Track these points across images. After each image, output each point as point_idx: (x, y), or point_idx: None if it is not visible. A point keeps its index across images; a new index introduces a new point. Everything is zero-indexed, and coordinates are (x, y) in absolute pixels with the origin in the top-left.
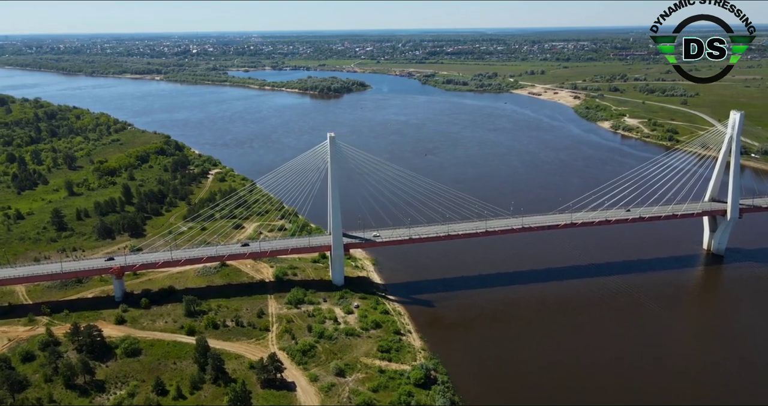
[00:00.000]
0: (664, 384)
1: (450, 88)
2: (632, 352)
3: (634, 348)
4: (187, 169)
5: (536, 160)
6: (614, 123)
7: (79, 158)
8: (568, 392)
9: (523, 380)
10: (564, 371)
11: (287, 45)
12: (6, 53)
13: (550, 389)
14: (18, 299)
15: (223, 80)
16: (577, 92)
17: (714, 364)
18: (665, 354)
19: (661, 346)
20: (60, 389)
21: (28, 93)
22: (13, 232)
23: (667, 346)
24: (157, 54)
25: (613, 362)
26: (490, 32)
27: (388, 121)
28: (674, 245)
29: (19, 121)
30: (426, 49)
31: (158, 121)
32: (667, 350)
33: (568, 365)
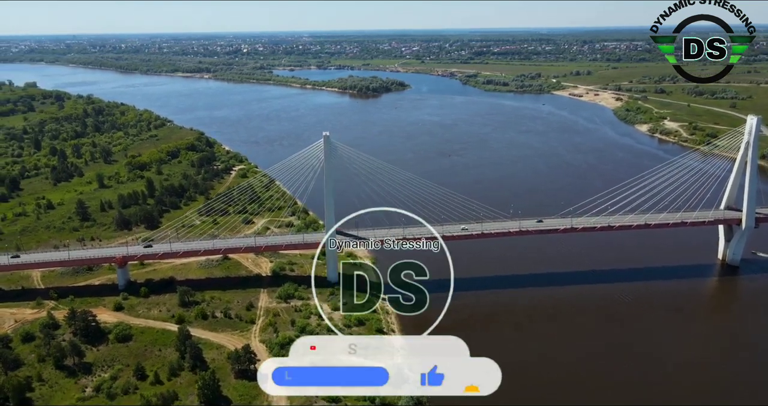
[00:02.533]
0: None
1: (489, 89)
2: (634, 364)
3: (635, 360)
4: (212, 165)
5: (562, 163)
6: (652, 126)
7: (115, 153)
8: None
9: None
10: (545, 379)
11: (335, 44)
12: (72, 52)
13: (525, 399)
14: (32, 283)
15: (267, 79)
16: (620, 94)
17: (728, 380)
18: (671, 367)
19: (667, 358)
20: (50, 369)
21: (86, 90)
22: (41, 220)
23: (675, 359)
24: (209, 53)
25: (610, 374)
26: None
27: (420, 121)
28: (688, 253)
29: (68, 117)
30: (472, 49)
31: (198, 118)
32: (673, 362)
33: (550, 374)
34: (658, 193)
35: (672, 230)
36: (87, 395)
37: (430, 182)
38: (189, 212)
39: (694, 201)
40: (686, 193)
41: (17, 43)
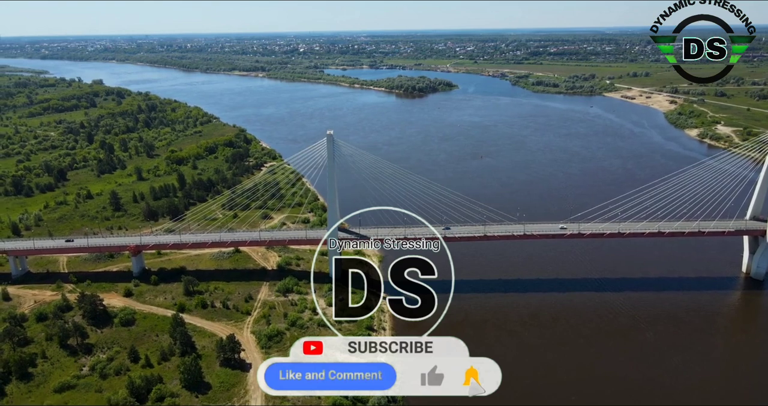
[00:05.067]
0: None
1: (538, 90)
2: (640, 385)
3: (642, 380)
4: (243, 161)
5: (597, 168)
6: (703, 131)
7: (158, 147)
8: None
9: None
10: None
11: (390, 44)
12: (141, 51)
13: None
14: (58, 267)
15: (318, 78)
16: (675, 96)
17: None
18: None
19: (681, 379)
20: (55, 347)
21: (147, 87)
22: (78, 209)
23: (688, 381)
24: (267, 52)
25: (610, 391)
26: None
27: (460, 122)
28: (710, 265)
29: (123, 112)
30: (529, 49)
31: (244, 115)
32: (685, 385)
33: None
34: (681, 197)
35: (699, 239)
36: (83, 374)
37: (437, 184)
38: (213, 205)
39: (723, 208)
40: (715, 200)
41: (93, 42)
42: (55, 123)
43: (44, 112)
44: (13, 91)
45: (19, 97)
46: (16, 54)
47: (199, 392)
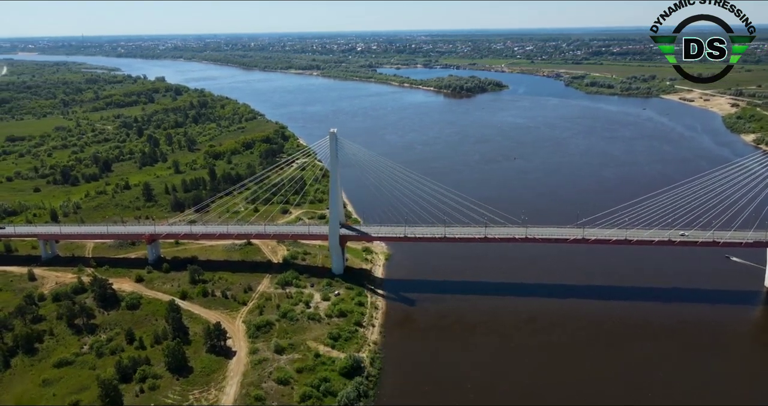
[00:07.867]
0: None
1: (591, 91)
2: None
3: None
4: (276, 157)
5: (633, 173)
6: (760, 136)
7: (200, 142)
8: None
9: (451, 391)
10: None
11: (448, 43)
12: (208, 50)
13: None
14: (84, 252)
15: (369, 77)
16: (738, 99)
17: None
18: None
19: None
20: (63, 326)
21: (206, 84)
22: (114, 199)
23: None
24: (326, 51)
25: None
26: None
27: (501, 123)
28: (731, 278)
29: (176, 108)
30: (591, 49)
31: (290, 113)
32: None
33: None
34: (704, 203)
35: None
36: (82, 352)
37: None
38: (237, 198)
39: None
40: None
41: (165, 41)
42: (114, 117)
43: (107, 107)
44: (83, 87)
45: (87, 93)
46: (95, 52)
47: (181, 375)
